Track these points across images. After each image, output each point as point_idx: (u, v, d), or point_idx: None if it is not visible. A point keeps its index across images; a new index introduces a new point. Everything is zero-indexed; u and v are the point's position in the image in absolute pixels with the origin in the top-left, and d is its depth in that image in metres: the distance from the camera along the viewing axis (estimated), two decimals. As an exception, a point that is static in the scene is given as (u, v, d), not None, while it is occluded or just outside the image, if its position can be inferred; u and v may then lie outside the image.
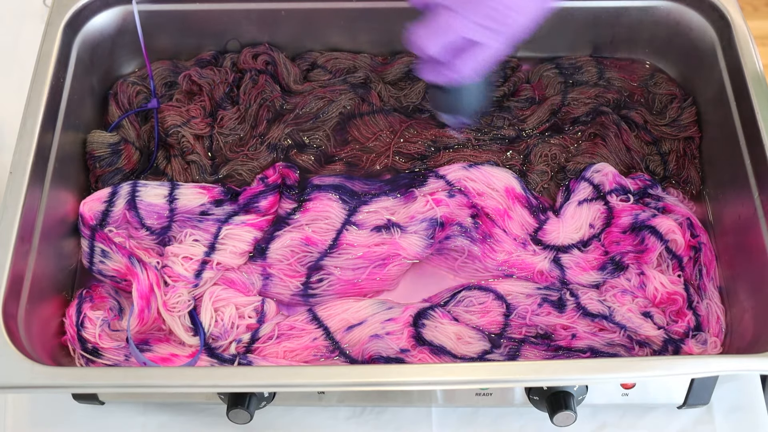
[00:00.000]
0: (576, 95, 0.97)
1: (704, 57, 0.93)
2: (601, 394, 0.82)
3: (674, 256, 0.86)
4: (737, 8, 0.90)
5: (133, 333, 0.80)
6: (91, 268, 0.85)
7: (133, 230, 0.86)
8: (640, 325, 0.81)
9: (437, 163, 0.92)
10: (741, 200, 0.84)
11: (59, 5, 0.91)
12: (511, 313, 0.83)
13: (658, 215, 0.86)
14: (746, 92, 0.85)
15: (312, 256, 0.86)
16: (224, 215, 0.86)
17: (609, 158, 0.92)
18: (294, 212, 0.88)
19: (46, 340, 0.79)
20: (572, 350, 0.81)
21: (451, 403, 0.85)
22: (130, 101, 0.95)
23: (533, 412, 0.82)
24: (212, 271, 0.84)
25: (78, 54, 0.91)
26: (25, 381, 0.71)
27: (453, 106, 0.84)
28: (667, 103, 0.96)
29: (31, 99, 0.84)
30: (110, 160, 0.90)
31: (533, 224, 0.88)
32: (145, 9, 0.94)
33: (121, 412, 0.85)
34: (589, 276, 0.85)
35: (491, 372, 0.72)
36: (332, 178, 0.90)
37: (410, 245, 0.86)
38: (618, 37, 0.99)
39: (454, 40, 0.73)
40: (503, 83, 0.98)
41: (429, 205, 0.87)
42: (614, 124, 0.94)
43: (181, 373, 0.73)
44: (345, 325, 0.82)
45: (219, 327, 0.82)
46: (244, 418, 0.78)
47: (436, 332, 0.81)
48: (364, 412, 0.85)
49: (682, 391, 0.82)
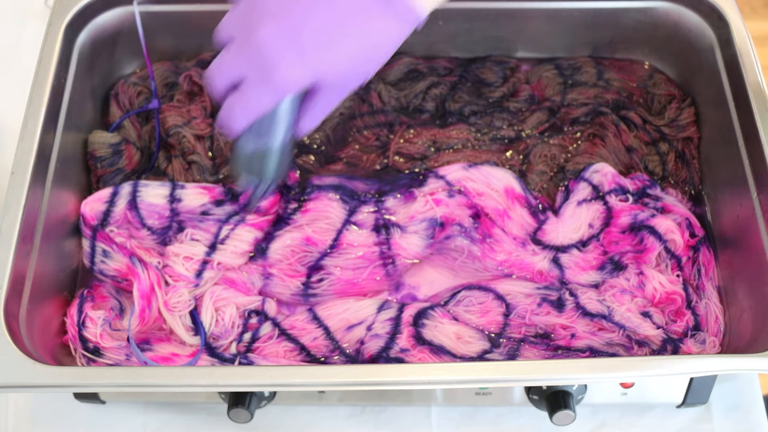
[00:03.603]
0: (575, 96, 0.97)
1: (703, 58, 0.93)
2: (600, 394, 0.82)
3: (673, 255, 0.86)
4: (736, 9, 0.90)
5: (134, 332, 0.80)
6: (93, 267, 0.86)
7: (134, 230, 0.87)
8: (639, 324, 0.82)
9: (437, 163, 0.93)
10: (739, 200, 0.84)
11: (60, 6, 0.91)
12: (511, 313, 0.83)
13: (657, 215, 0.87)
14: (745, 93, 0.85)
15: (312, 256, 0.86)
16: (225, 215, 0.86)
17: (608, 158, 0.93)
18: (294, 212, 0.88)
19: (47, 340, 0.79)
20: (571, 350, 0.81)
21: (451, 403, 0.85)
22: (131, 102, 0.95)
23: (533, 412, 0.82)
24: (213, 270, 0.84)
25: (79, 55, 0.91)
26: (27, 380, 0.71)
27: (259, 171, 0.76)
28: (665, 104, 0.97)
29: (33, 99, 0.85)
30: (111, 161, 0.90)
31: (533, 224, 0.88)
32: (146, 10, 0.95)
33: (122, 412, 0.85)
34: (588, 276, 0.86)
35: (491, 371, 0.72)
36: (332, 178, 0.90)
37: (410, 245, 0.86)
38: (617, 38, 0.99)
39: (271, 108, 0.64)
40: (502, 84, 0.98)
41: (429, 205, 0.87)
42: (613, 125, 0.94)
43: (181, 373, 0.73)
44: (345, 324, 0.83)
45: (219, 326, 0.82)
46: (244, 417, 0.79)
47: (436, 332, 0.82)
48: (364, 412, 0.86)
49: (680, 391, 0.82)
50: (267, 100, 0.63)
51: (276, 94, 0.63)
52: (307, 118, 0.67)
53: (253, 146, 0.71)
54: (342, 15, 0.59)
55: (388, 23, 0.60)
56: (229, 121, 0.65)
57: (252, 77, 0.62)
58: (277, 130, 0.68)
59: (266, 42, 0.60)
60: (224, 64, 0.64)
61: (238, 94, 0.64)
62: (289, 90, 0.62)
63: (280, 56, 0.60)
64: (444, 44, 1.00)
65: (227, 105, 0.65)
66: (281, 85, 0.62)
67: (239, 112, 0.64)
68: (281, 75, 0.61)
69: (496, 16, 0.97)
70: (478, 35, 0.99)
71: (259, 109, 0.64)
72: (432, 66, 0.99)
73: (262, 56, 0.60)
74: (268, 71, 0.61)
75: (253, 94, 0.63)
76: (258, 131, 0.67)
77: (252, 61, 0.61)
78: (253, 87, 0.62)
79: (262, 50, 0.60)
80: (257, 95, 0.63)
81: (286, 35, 0.60)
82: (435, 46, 1.00)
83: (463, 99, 0.97)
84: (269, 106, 0.64)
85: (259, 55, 0.61)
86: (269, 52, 0.60)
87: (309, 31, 0.60)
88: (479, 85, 0.98)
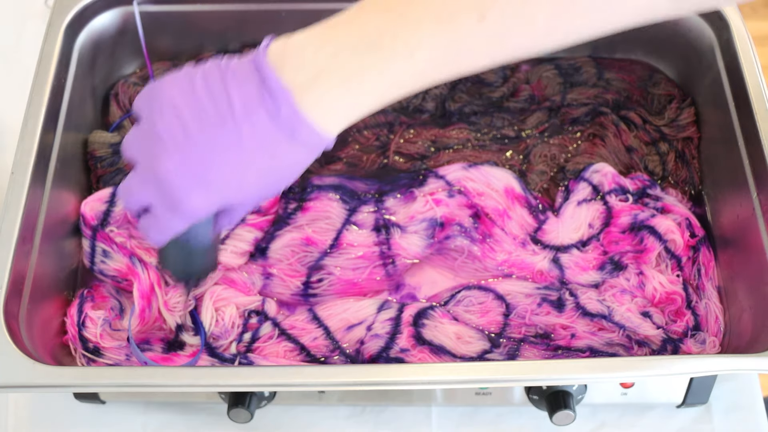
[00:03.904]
0: (575, 96, 0.97)
1: (703, 58, 0.93)
2: (601, 394, 0.82)
3: (673, 255, 0.86)
4: (736, 9, 0.90)
5: (134, 332, 0.80)
6: (93, 267, 0.86)
7: (134, 230, 0.86)
8: (639, 324, 0.82)
9: (437, 163, 0.93)
10: (739, 200, 0.84)
11: (60, 6, 0.91)
12: (511, 313, 0.83)
13: (657, 215, 0.87)
14: (745, 93, 0.85)
15: (312, 256, 0.86)
16: (225, 215, 0.86)
17: (608, 158, 0.93)
18: (294, 212, 0.88)
19: (47, 340, 0.79)
20: (571, 350, 0.81)
21: (451, 403, 0.85)
22: (131, 102, 0.95)
23: (533, 412, 0.82)
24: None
25: (79, 55, 0.91)
26: (27, 380, 0.71)
27: (187, 269, 0.75)
28: (665, 104, 0.97)
29: (33, 100, 0.85)
30: (111, 161, 0.90)
31: (533, 224, 0.88)
32: (146, 10, 0.95)
33: (122, 412, 0.85)
34: (588, 276, 0.86)
35: (491, 371, 0.72)
36: (332, 178, 0.90)
37: (410, 245, 0.86)
38: (617, 38, 0.98)
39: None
40: (502, 83, 0.98)
41: (429, 205, 0.87)
42: (613, 125, 0.94)
43: (181, 373, 0.73)
44: (345, 324, 0.83)
45: (219, 326, 0.82)
46: (244, 417, 0.79)
47: (436, 332, 0.82)
48: (365, 411, 0.86)
49: (680, 391, 0.82)
50: (178, 225, 0.63)
51: (186, 221, 0.63)
52: (224, 222, 0.67)
53: (175, 251, 0.72)
54: (245, 150, 0.58)
55: (295, 150, 0.59)
56: (147, 239, 0.65)
57: (160, 206, 0.62)
58: (196, 236, 0.68)
59: (170, 176, 0.59)
60: (132, 190, 0.63)
61: (150, 218, 0.64)
62: (199, 217, 0.62)
63: (186, 190, 0.60)
64: (444, 44, 1.00)
65: (142, 226, 0.65)
66: (190, 214, 0.61)
67: (153, 233, 0.64)
68: (189, 207, 0.61)
69: (496, 16, 0.97)
70: (478, 35, 0.99)
71: (172, 232, 0.64)
72: (432, 66, 0.99)
73: (168, 190, 0.60)
74: (174, 204, 0.61)
75: (163, 219, 0.63)
76: (177, 240, 0.67)
77: (158, 191, 0.61)
78: (162, 214, 0.62)
79: (166, 184, 0.60)
80: (167, 221, 0.63)
81: (190, 170, 0.59)
82: (435, 46, 1.00)
83: (463, 99, 0.97)
84: (181, 228, 0.64)
85: (164, 187, 0.60)
86: (174, 186, 0.60)
87: (213, 166, 0.59)
88: (479, 85, 0.99)
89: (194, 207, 0.61)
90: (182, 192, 0.60)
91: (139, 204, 0.63)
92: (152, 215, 0.63)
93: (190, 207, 0.61)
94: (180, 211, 0.61)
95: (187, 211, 0.61)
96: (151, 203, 0.62)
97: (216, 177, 0.60)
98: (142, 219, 0.65)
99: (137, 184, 0.63)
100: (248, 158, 0.59)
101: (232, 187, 0.60)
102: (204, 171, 0.59)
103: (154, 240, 0.65)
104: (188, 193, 0.60)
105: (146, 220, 0.64)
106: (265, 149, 0.59)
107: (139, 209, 0.64)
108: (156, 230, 0.64)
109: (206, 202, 0.61)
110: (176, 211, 0.61)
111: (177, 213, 0.62)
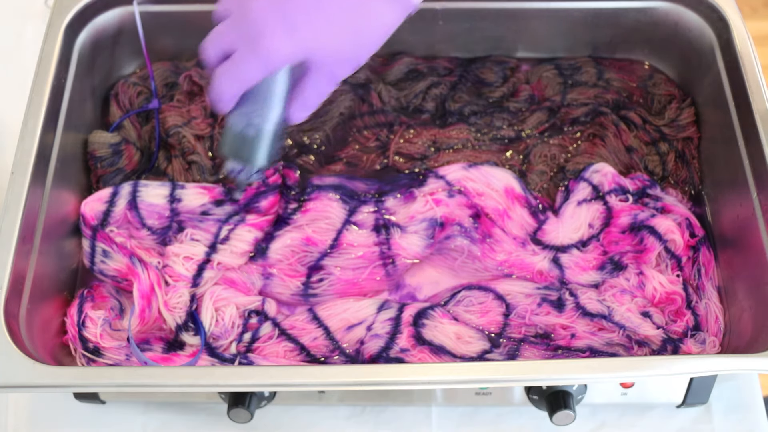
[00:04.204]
0: (575, 96, 0.97)
1: (703, 58, 0.93)
2: (600, 394, 0.82)
3: (673, 255, 0.86)
4: (736, 9, 0.90)
5: (134, 332, 0.80)
6: (93, 267, 0.86)
7: (134, 230, 0.87)
8: (639, 324, 0.82)
9: (437, 163, 0.93)
10: (739, 200, 0.84)
11: (60, 6, 0.91)
12: (511, 313, 0.83)
13: (657, 215, 0.87)
14: (744, 93, 0.85)
15: (312, 256, 0.86)
16: (225, 215, 0.86)
17: (608, 158, 0.93)
18: (294, 212, 0.88)
19: (47, 340, 0.79)
20: (571, 350, 0.81)
21: (451, 403, 0.85)
22: (131, 102, 0.95)
23: (533, 412, 0.82)
24: (213, 270, 0.84)
25: (79, 55, 0.92)
26: (27, 380, 0.71)
27: (247, 154, 0.74)
28: (665, 104, 0.97)
29: (33, 100, 0.85)
30: (111, 161, 0.90)
31: (533, 224, 0.88)
32: (146, 10, 0.95)
33: (122, 412, 0.85)
34: (588, 276, 0.86)
35: (491, 371, 0.72)
36: (332, 178, 0.90)
37: (410, 245, 0.86)
38: (617, 38, 0.99)
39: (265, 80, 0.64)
40: (502, 84, 0.98)
41: (429, 205, 0.87)
42: (613, 125, 0.94)
43: (181, 373, 0.73)
44: (345, 324, 0.83)
45: (219, 326, 0.82)
46: (244, 417, 0.79)
47: (436, 332, 0.82)
48: (365, 412, 0.86)
49: (680, 391, 0.82)
50: (255, 70, 0.64)
51: (264, 65, 0.63)
52: (298, 103, 0.67)
53: (242, 126, 0.70)
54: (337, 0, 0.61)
55: (380, 7, 0.61)
56: (218, 93, 0.66)
57: (242, 47, 0.63)
58: (268, 112, 0.68)
59: (258, 14, 0.62)
60: (217, 34, 0.65)
61: (227, 64, 0.65)
62: (277, 62, 0.63)
63: (270, 27, 0.62)
64: (444, 44, 1.00)
65: (217, 75, 0.66)
66: (269, 55, 0.62)
67: (227, 82, 0.65)
68: (270, 45, 0.62)
69: (497, 16, 0.97)
70: (478, 35, 0.99)
71: (246, 80, 0.65)
72: (432, 66, 0.99)
73: (253, 26, 0.62)
74: (257, 41, 0.62)
75: (241, 63, 0.64)
76: (248, 111, 0.67)
77: (243, 31, 0.63)
78: (242, 56, 0.63)
79: (253, 21, 0.62)
80: (245, 65, 0.64)
81: (279, 9, 0.61)
82: (435, 46, 1.00)
83: (463, 99, 0.97)
84: (257, 77, 0.64)
85: (250, 25, 0.62)
86: (260, 22, 0.62)
87: (301, 7, 0.61)
88: (479, 85, 0.99)
89: (275, 45, 0.62)
90: (266, 29, 0.61)
91: (221, 49, 0.64)
92: (230, 61, 0.64)
93: (271, 45, 0.61)
94: (260, 51, 0.62)
95: (268, 50, 0.62)
96: (233, 47, 0.63)
97: (301, 17, 0.61)
98: (218, 68, 0.65)
99: (223, 30, 0.64)
100: (338, 8, 0.60)
101: (314, 33, 0.61)
102: (291, 10, 0.61)
103: (227, 90, 0.65)
104: (271, 30, 0.61)
105: (222, 68, 0.65)
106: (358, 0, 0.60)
107: (219, 58, 0.65)
108: (231, 78, 0.64)
109: (287, 43, 0.62)
110: (257, 52, 0.62)
111: (257, 54, 0.62)
